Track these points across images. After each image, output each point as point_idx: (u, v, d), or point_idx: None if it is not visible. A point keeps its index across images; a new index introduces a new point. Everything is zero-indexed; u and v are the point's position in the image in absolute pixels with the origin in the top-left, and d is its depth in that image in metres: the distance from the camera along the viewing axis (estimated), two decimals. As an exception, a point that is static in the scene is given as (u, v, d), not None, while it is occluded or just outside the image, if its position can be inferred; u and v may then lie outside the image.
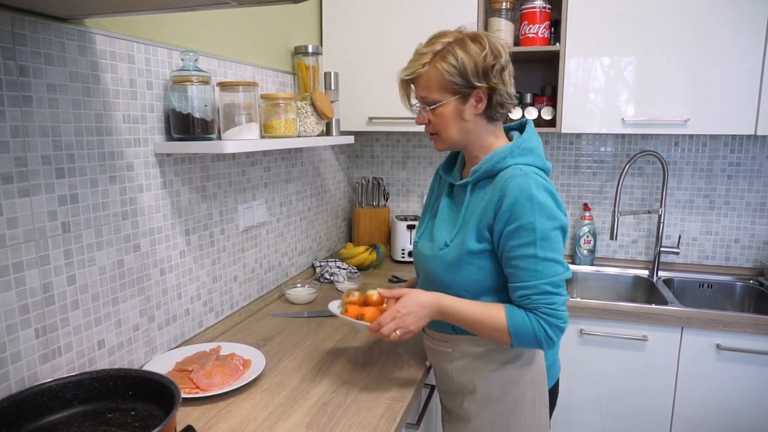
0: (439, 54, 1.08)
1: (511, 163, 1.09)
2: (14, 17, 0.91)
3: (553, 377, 1.21)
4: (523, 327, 1.04)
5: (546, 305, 1.03)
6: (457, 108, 1.10)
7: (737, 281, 2.07)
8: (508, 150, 1.10)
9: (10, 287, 0.94)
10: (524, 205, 1.03)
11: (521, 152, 1.10)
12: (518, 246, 1.04)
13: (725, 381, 1.71)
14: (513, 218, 1.03)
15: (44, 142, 0.98)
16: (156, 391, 0.96)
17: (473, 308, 1.08)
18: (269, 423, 1.05)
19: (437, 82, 1.09)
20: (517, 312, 1.05)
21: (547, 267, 1.03)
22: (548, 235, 1.03)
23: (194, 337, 1.44)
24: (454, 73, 1.07)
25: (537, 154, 1.12)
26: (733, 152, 2.12)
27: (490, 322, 1.06)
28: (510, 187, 1.04)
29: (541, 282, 1.03)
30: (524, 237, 1.03)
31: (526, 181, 1.04)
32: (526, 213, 1.02)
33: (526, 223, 1.03)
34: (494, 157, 1.10)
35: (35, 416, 0.92)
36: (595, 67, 1.88)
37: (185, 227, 1.38)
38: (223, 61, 1.50)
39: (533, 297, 1.04)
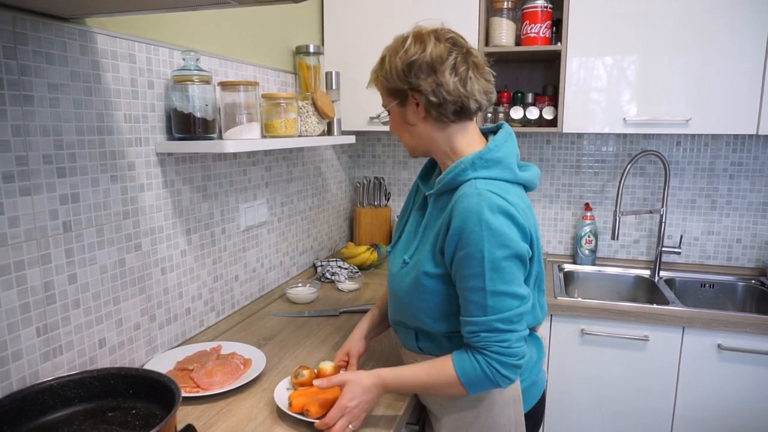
0: (382, 59, 1.06)
1: (471, 176, 0.99)
2: (16, 17, 0.92)
3: (534, 397, 1.15)
4: (473, 373, 0.95)
5: (496, 343, 0.94)
6: (400, 112, 1.06)
7: (739, 281, 2.06)
8: (470, 161, 1.00)
9: (12, 286, 0.94)
10: (473, 230, 0.93)
11: (484, 164, 1.00)
12: (467, 276, 0.95)
13: (726, 381, 1.71)
14: (462, 244, 0.94)
15: (45, 141, 0.98)
16: (156, 390, 0.96)
17: (418, 371, 1.00)
18: (269, 422, 1.05)
19: (381, 88, 1.08)
20: (464, 358, 0.97)
21: (498, 302, 0.93)
22: (499, 265, 0.93)
23: (195, 336, 1.44)
24: (387, 77, 1.03)
25: (505, 165, 1.01)
26: (735, 152, 2.12)
27: (440, 380, 0.98)
28: (460, 208, 0.95)
29: (491, 319, 0.94)
30: (472, 267, 0.94)
31: (478, 202, 0.93)
32: (474, 240, 0.93)
33: (474, 251, 0.93)
34: (456, 167, 1.01)
35: (36, 414, 0.93)
36: (596, 66, 1.88)
37: (186, 227, 1.39)
38: (225, 61, 1.50)
39: (482, 335, 0.95)
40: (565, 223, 2.34)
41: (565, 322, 1.82)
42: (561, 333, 1.83)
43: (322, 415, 1.01)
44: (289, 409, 1.03)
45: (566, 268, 2.20)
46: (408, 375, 1.02)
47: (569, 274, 2.20)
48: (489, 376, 0.95)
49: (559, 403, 1.89)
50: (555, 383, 1.87)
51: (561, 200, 2.33)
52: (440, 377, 0.98)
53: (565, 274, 2.17)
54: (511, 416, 1.08)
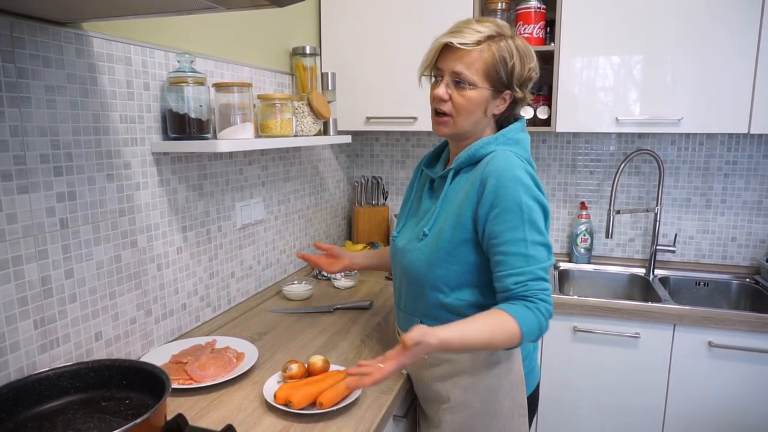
0: (495, 40, 1.05)
1: (494, 148, 1.07)
2: (13, 22, 0.95)
3: (532, 384, 1.18)
4: (530, 321, 0.97)
5: (541, 291, 0.99)
6: (486, 100, 1.07)
7: (733, 280, 2.07)
8: (492, 138, 1.08)
9: (10, 280, 0.98)
10: (509, 186, 0.99)
11: (506, 141, 1.08)
12: (506, 230, 0.99)
13: (717, 378, 1.72)
14: (498, 200, 0.99)
15: (43, 141, 1.02)
16: (149, 381, 1.00)
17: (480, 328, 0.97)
18: (258, 413, 1.08)
19: (485, 65, 1.04)
20: (518, 308, 0.98)
21: (537, 251, 0.99)
22: (534, 217, 1.00)
23: (191, 331, 1.48)
24: (503, 66, 1.04)
25: (523, 146, 1.10)
26: (729, 151, 2.12)
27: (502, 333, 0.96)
28: (492, 168, 1.01)
29: (534, 268, 0.98)
30: (511, 220, 0.99)
31: (509, 161, 1.01)
32: (510, 194, 0.99)
33: (512, 205, 0.99)
34: (477, 144, 1.08)
35: (33, 404, 0.96)
36: (589, 66, 1.90)
37: (182, 224, 1.42)
38: (221, 63, 1.54)
39: (529, 284, 0.98)
40: (560, 222, 2.35)
41: (558, 320, 1.84)
42: (553, 330, 1.85)
43: (304, 405, 1.05)
44: (275, 401, 1.07)
45: (561, 267, 2.22)
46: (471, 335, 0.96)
47: (564, 272, 2.22)
48: (540, 323, 0.98)
49: (552, 399, 1.91)
50: (547, 380, 1.89)
51: (557, 199, 2.35)
52: (502, 331, 0.96)
53: (560, 273, 2.18)
54: (515, 399, 1.12)
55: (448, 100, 1.08)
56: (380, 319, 1.60)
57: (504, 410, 1.12)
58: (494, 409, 1.12)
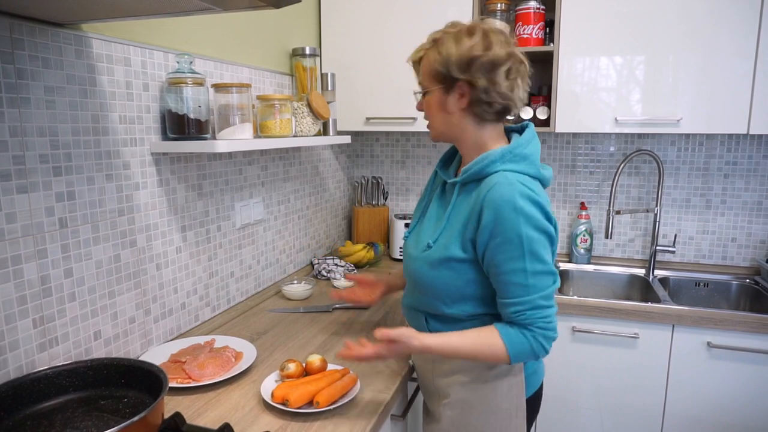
0: (437, 42, 1.08)
1: (500, 168, 1.05)
2: (13, 23, 0.96)
3: (534, 385, 1.19)
4: (520, 346, 1.02)
5: (540, 319, 1.01)
6: (441, 98, 1.09)
7: (733, 280, 2.07)
8: (500, 154, 1.06)
9: (9, 279, 0.99)
10: (509, 217, 0.99)
11: (513, 158, 1.06)
12: (506, 260, 1.01)
13: (716, 378, 1.72)
14: (497, 231, 1.00)
15: (42, 142, 1.03)
16: (147, 380, 1.00)
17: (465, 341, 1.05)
18: (256, 412, 1.09)
19: (428, 69, 1.10)
20: (511, 332, 1.02)
21: (538, 281, 1.01)
22: (535, 247, 1.00)
23: (190, 331, 1.48)
24: (440, 62, 1.06)
25: (531, 161, 1.07)
26: (729, 151, 2.12)
27: (486, 350, 1.03)
28: (492, 197, 1.01)
29: (534, 297, 1.01)
30: (511, 251, 1.00)
31: (510, 190, 1.00)
32: (511, 226, 0.99)
33: (512, 236, 0.99)
34: (485, 159, 1.06)
35: (32, 402, 0.97)
36: (588, 67, 1.90)
37: (181, 224, 1.43)
38: (220, 63, 1.55)
39: (527, 313, 1.01)
40: (560, 222, 2.36)
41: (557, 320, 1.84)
42: (552, 330, 1.85)
43: (301, 404, 1.05)
44: (272, 400, 1.07)
45: (561, 267, 2.22)
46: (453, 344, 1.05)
47: (564, 272, 2.22)
48: (534, 349, 1.02)
49: (551, 399, 1.91)
50: (546, 380, 1.89)
51: (557, 199, 2.35)
52: (487, 349, 1.04)
53: (560, 273, 2.19)
54: (513, 400, 1.14)
55: (422, 109, 1.17)
56: (379, 318, 1.61)
57: (502, 410, 1.13)
58: (492, 408, 1.13)
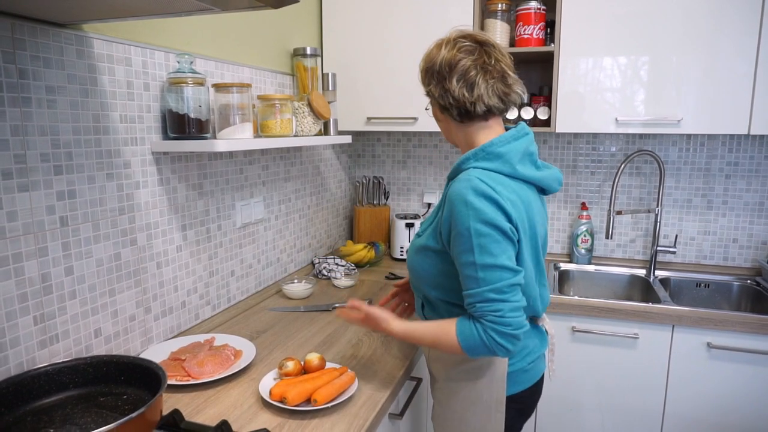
0: None
1: (471, 165, 1.09)
2: (14, 23, 0.97)
3: (521, 383, 1.20)
4: (471, 338, 1.03)
5: (490, 312, 1.01)
6: (433, 108, 1.19)
7: (735, 281, 2.07)
8: (473, 152, 1.10)
9: (10, 276, 1.00)
10: (460, 211, 1.02)
11: (485, 156, 1.09)
12: (460, 253, 1.04)
13: (716, 379, 1.72)
14: (453, 224, 1.04)
15: (43, 141, 1.04)
16: (146, 377, 1.01)
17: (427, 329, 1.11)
18: (254, 410, 1.09)
19: None
20: (465, 324, 1.04)
21: (488, 274, 1.01)
22: (484, 241, 1.01)
23: (191, 329, 1.49)
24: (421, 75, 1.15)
25: (506, 159, 1.08)
26: (731, 152, 2.12)
27: (443, 340, 1.07)
28: (450, 192, 1.06)
29: (483, 290, 1.01)
30: (462, 244, 1.03)
31: (465, 186, 1.03)
32: (462, 219, 1.02)
33: (462, 230, 1.02)
34: (462, 157, 1.12)
35: (32, 398, 0.98)
36: (588, 67, 1.90)
37: (182, 223, 1.44)
38: (221, 63, 1.55)
39: (477, 305, 1.03)
40: (561, 223, 2.36)
41: (556, 320, 1.84)
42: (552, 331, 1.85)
43: (299, 402, 1.06)
44: (270, 398, 1.08)
45: (562, 267, 2.22)
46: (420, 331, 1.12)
47: (565, 272, 2.22)
48: (486, 343, 1.02)
49: (550, 398, 1.91)
50: (545, 380, 1.90)
51: (557, 199, 2.35)
52: (444, 338, 1.08)
53: (560, 273, 2.19)
54: (493, 393, 1.17)
55: None
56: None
57: (482, 401, 1.17)
58: (472, 398, 1.18)
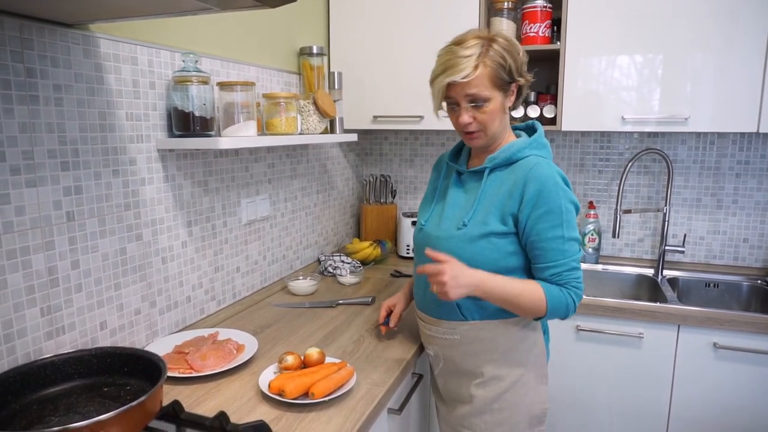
0: (483, 54, 1.16)
1: (529, 154, 1.21)
2: (23, 24, 1.00)
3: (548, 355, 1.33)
4: (558, 301, 1.16)
5: (575, 279, 1.17)
6: (502, 102, 1.21)
7: (744, 281, 2.04)
8: (528, 142, 1.23)
9: (18, 269, 1.03)
10: (551, 191, 1.14)
11: (538, 146, 1.24)
12: (547, 228, 1.15)
13: (722, 380, 1.70)
14: (540, 203, 1.14)
15: (50, 138, 1.07)
16: (148, 369, 1.04)
17: (513, 284, 1.17)
18: (253, 402, 1.11)
19: (489, 80, 1.17)
20: (552, 288, 1.16)
21: (571, 246, 1.16)
22: (570, 217, 1.16)
23: (195, 323, 1.52)
24: (503, 70, 1.17)
25: (548, 149, 1.26)
26: (741, 150, 2.09)
27: (529, 297, 1.16)
28: (535, 174, 1.16)
29: (569, 260, 1.16)
30: (552, 220, 1.14)
31: (550, 170, 1.17)
32: (553, 198, 1.14)
33: (554, 207, 1.14)
34: (513, 147, 1.22)
35: (38, 387, 1.01)
36: (595, 65, 1.89)
37: (187, 219, 1.47)
38: (227, 62, 1.58)
39: (564, 274, 1.16)
40: (568, 222, 2.34)
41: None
42: (556, 329, 1.85)
43: (296, 395, 1.08)
44: (269, 390, 1.10)
45: (568, 266, 2.21)
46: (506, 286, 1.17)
47: (571, 271, 2.21)
48: (568, 305, 1.17)
49: (554, 398, 1.90)
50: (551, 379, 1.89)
51: (565, 198, 2.33)
52: (531, 296, 1.16)
53: (566, 272, 2.17)
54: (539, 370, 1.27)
55: (473, 122, 1.21)
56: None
57: (530, 381, 1.25)
58: (522, 381, 1.24)
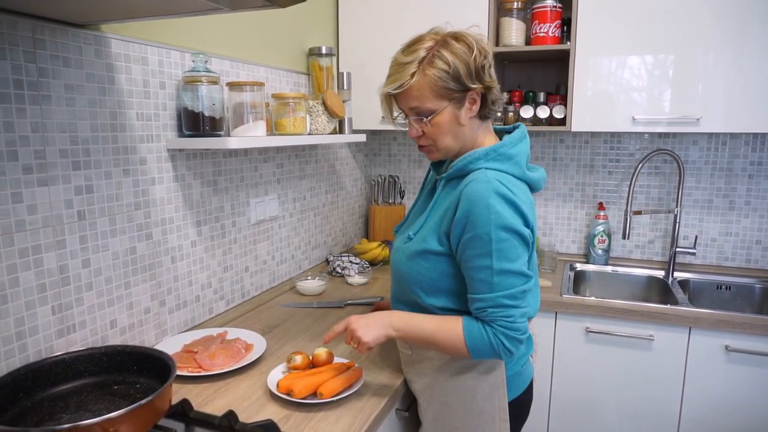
0: (426, 60, 1.03)
1: (482, 166, 1.05)
2: (35, 24, 1.01)
3: (518, 387, 1.18)
4: (479, 340, 1.02)
5: (502, 318, 1.01)
6: (453, 114, 1.06)
7: (757, 284, 2.01)
8: (484, 152, 1.06)
9: (29, 267, 1.04)
10: (480, 213, 0.99)
11: (497, 157, 1.06)
12: (474, 256, 1.01)
13: (734, 383, 1.68)
14: (469, 227, 1.00)
15: (62, 137, 1.08)
16: (158, 367, 1.04)
17: (428, 322, 1.07)
18: (262, 402, 1.11)
19: (430, 90, 1.03)
20: (473, 324, 1.03)
21: (503, 279, 1.00)
22: (503, 246, 0.99)
23: (204, 323, 1.53)
24: (447, 77, 1.02)
25: (515, 162, 1.07)
26: (754, 151, 2.07)
27: (446, 337, 1.05)
28: (467, 193, 1.01)
29: (497, 295, 1.00)
30: (480, 247, 1.00)
31: (486, 187, 1.00)
32: (481, 222, 0.99)
33: (481, 233, 0.99)
34: (468, 157, 1.07)
35: (50, 384, 1.02)
36: (605, 65, 1.88)
37: (196, 218, 1.47)
38: (237, 63, 1.58)
39: (489, 310, 1.01)
40: (578, 223, 2.33)
41: (570, 320, 1.82)
42: (565, 331, 1.84)
43: (305, 395, 1.08)
44: (277, 390, 1.10)
45: (578, 268, 2.20)
46: (418, 321, 1.08)
47: (581, 273, 2.19)
48: (494, 347, 1.02)
49: (564, 399, 1.89)
50: (559, 382, 1.88)
51: (574, 199, 2.32)
52: (447, 335, 1.05)
53: (576, 274, 2.16)
54: (495, 402, 1.12)
55: (422, 135, 1.10)
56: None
57: (484, 412, 1.12)
58: (473, 411, 1.12)
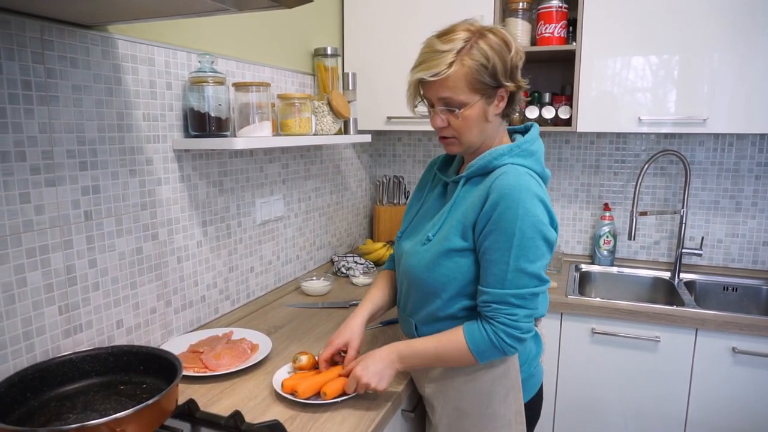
0: (464, 51, 1.00)
1: (507, 161, 1.04)
2: (43, 25, 1.02)
3: (531, 390, 1.17)
4: (481, 340, 1.00)
5: (504, 315, 0.99)
6: (483, 109, 1.04)
7: (764, 285, 2.00)
8: (508, 148, 1.06)
9: (37, 267, 1.04)
10: (509, 207, 0.97)
11: (521, 153, 1.06)
12: (494, 249, 0.98)
13: (741, 385, 1.67)
14: (496, 218, 0.98)
15: (69, 138, 1.08)
16: (164, 367, 1.04)
17: (429, 340, 1.06)
18: (267, 402, 1.12)
19: (466, 82, 1.01)
20: (473, 327, 1.01)
21: (517, 278, 0.98)
22: (527, 245, 0.97)
23: (210, 323, 1.53)
24: (484, 72, 1.00)
25: (537, 158, 1.07)
26: (761, 152, 2.06)
27: (450, 347, 1.03)
28: (499, 185, 0.99)
29: (506, 292, 0.98)
30: (501, 241, 0.98)
31: (517, 181, 0.98)
32: (509, 216, 0.97)
33: (507, 226, 0.97)
34: (491, 153, 1.06)
35: (57, 384, 1.02)
36: (611, 66, 1.87)
37: (202, 219, 1.48)
38: (242, 63, 1.59)
39: (493, 305, 0.99)
40: (583, 223, 2.32)
41: (576, 321, 1.82)
42: (571, 332, 1.83)
43: (309, 395, 1.08)
44: (282, 390, 1.10)
45: (583, 268, 2.19)
46: (418, 345, 1.07)
47: (586, 274, 2.19)
48: (495, 344, 1.00)
49: (570, 400, 1.89)
50: (565, 383, 1.88)
51: (580, 200, 2.32)
52: (450, 345, 1.03)
53: (581, 274, 2.16)
54: (511, 406, 1.11)
55: (447, 126, 1.07)
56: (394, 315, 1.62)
57: (499, 416, 1.10)
58: (489, 415, 1.11)
